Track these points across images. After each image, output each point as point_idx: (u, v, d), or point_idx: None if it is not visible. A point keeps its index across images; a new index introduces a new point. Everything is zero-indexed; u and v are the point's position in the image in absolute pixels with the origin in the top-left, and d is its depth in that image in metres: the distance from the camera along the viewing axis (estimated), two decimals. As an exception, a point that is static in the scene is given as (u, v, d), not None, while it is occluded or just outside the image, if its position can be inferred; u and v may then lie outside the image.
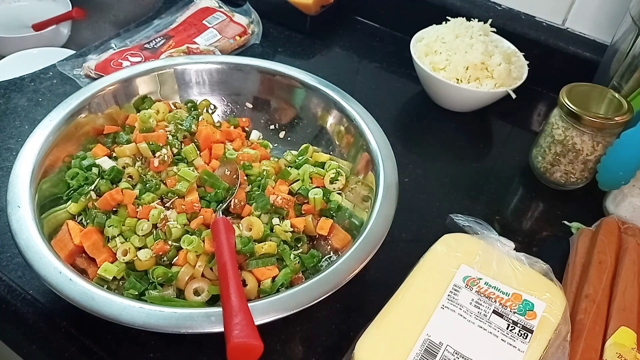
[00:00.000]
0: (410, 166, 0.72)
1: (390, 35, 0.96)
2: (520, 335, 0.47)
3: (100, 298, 0.44)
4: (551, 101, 0.85)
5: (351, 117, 0.64)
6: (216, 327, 0.43)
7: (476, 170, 0.73)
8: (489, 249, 0.54)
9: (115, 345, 0.49)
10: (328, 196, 0.60)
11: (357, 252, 0.50)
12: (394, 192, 0.56)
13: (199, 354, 0.49)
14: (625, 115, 0.62)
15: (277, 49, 0.90)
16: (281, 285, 0.52)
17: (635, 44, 0.69)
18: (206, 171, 0.59)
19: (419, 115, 0.81)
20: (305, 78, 0.68)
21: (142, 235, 0.54)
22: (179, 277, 0.51)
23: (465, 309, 0.49)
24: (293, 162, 0.65)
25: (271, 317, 0.44)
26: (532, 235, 0.65)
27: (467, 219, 0.57)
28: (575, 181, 0.68)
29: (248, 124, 0.70)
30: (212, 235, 0.52)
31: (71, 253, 0.52)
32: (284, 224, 0.57)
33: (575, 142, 0.64)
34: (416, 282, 0.51)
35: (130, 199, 0.56)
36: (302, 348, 0.51)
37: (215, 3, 0.92)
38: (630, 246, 0.57)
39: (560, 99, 0.64)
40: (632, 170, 0.60)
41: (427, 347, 0.46)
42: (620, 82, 0.72)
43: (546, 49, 0.84)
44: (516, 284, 0.51)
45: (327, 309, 0.54)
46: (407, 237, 0.62)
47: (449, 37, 0.79)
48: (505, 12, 0.87)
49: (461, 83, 0.76)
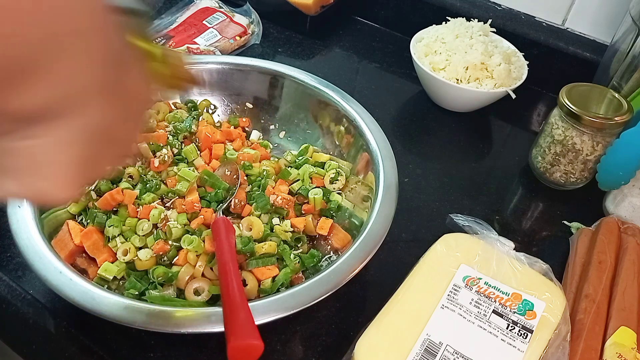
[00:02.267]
0: (410, 166, 0.72)
1: (390, 35, 0.96)
2: (520, 335, 0.47)
3: (100, 298, 0.44)
4: (551, 101, 0.85)
5: (351, 117, 0.64)
6: (216, 327, 0.43)
7: (476, 170, 0.73)
8: (488, 248, 0.54)
9: (115, 345, 0.49)
10: (328, 196, 0.60)
11: (357, 252, 0.50)
12: (394, 192, 0.56)
13: (199, 354, 0.49)
14: (625, 115, 0.62)
15: (277, 49, 0.90)
16: (281, 285, 0.52)
17: (635, 44, 0.69)
18: (206, 171, 0.59)
19: (419, 115, 0.81)
20: (305, 78, 0.68)
21: (142, 235, 0.54)
22: (179, 277, 0.51)
23: (465, 309, 0.49)
24: (293, 162, 0.65)
25: (271, 316, 0.44)
26: (532, 235, 0.65)
27: (466, 218, 0.57)
28: (575, 181, 0.68)
29: (248, 124, 0.70)
30: (213, 235, 0.52)
31: (71, 253, 0.52)
32: (284, 224, 0.57)
33: (575, 142, 0.64)
34: (416, 282, 0.51)
35: (130, 199, 0.56)
36: (302, 348, 0.51)
37: (215, 3, 0.92)
38: (630, 246, 0.57)
39: (560, 99, 0.64)
40: (632, 170, 0.60)
41: (427, 347, 0.46)
42: (620, 82, 0.72)
43: (546, 49, 0.84)
44: (516, 283, 0.51)
45: (327, 309, 0.54)
46: (407, 237, 0.62)
47: (449, 37, 0.79)
48: (505, 12, 0.87)
49: (461, 83, 0.76)
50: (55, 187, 0.25)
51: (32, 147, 0.23)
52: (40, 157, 0.24)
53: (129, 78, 0.26)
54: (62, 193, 0.25)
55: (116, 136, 0.27)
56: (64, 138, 0.23)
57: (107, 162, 0.28)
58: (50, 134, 0.23)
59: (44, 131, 0.23)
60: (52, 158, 0.24)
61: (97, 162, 0.27)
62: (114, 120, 0.26)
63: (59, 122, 0.23)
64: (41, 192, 0.25)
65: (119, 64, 0.25)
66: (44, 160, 0.24)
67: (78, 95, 0.23)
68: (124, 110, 0.27)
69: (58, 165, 0.24)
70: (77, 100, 0.23)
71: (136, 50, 0.29)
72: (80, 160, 0.25)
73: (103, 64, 0.23)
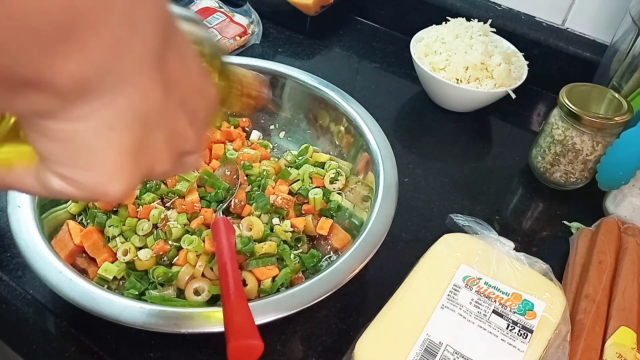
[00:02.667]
0: (410, 166, 0.72)
1: (390, 35, 0.96)
2: (520, 335, 0.47)
3: (100, 298, 0.44)
4: (551, 101, 0.85)
5: (351, 117, 0.64)
6: (216, 327, 0.43)
7: (476, 170, 0.73)
8: (488, 248, 0.54)
9: (115, 345, 0.49)
10: (328, 196, 0.60)
11: (357, 252, 0.50)
12: (394, 192, 0.56)
13: (199, 354, 0.49)
14: (625, 115, 0.62)
15: (277, 49, 0.90)
16: (281, 285, 0.52)
17: (635, 44, 0.69)
18: (206, 171, 0.59)
19: (419, 115, 0.81)
20: (305, 78, 0.68)
21: (142, 235, 0.54)
22: (179, 277, 0.51)
23: (465, 309, 0.49)
24: (293, 162, 0.65)
25: (271, 316, 0.44)
26: (532, 235, 0.65)
27: (466, 218, 0.57)
28: (575, 181, 0.68)
29: (248, 124, 0.70)
30: (213, 235, 0.52)
31: (71, 253, 0.52)
32: (284, 224, 0.57)
33: (575, 142, 0.64)
34: (416, 282, 0.51)
35: (130, 199, 0.56)
36: (302, 348, 0.51)
37: (215, 3, 0.92)
38: (630, 246, 0.57)
39: (560, 99, 0.64)
40: (632, 170, 0.60)
41: (427, 347, 0.46)
42: (620, 82, 0.72)
43: (546, 49, 0.84)
44: (516, 283, 0.51)
45: (327, 309, 0.54)
46: (407, 237, 0.62)
47: (449, 37, 0.79)
48: (505, 12, 0.87)
49: (461, 83, 0.76)
50: (107, 179, 0.23)
51: (77, 132, 0.21)
52: (87, 143, 0.21)
53: (182, 64, 0.25)
54: (115, 185, 0.23)
55: (174, 128, 0.25)
56: (111, 120, 0.21)
57: (167, 156, 0.26)
58: (96, 116, 0.21)
59: (89, 112, 0.21)
60: (99, 144, 0.22)
61: (152, 153, 0.24)
62: (166, 105, 0.24)
63: (105, 100, 0.21)
64: (91, 184, 0.23)
65: (170, 46, 0.23)
66: (91, 146, 0.22)
67: (125, 67, 0.21)
68: (177, 96, 0.25)
69: (107, 152, 0.22)
70: (124, 72, 0.21)
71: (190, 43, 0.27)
72: (130, 147, 0.23)
73: (156, 40, 0.22)
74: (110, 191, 0.23)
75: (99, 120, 0.21)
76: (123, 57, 0.20)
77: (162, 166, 0.26)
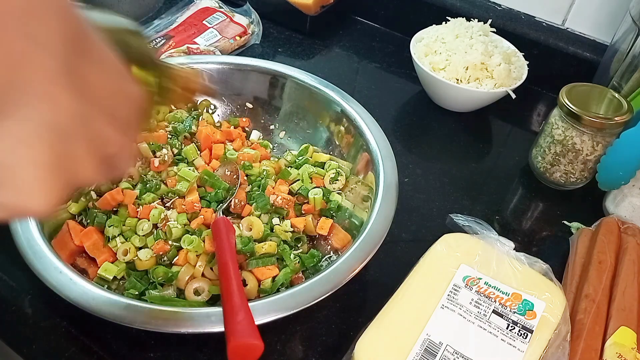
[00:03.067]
0: (410, 166, 0.72)
1: (390, 35, 0.96)
2: (520, 335, 0.47)
3: (100, 298, 0.44)
4: (551, 101, 0.85)
5: (351, 117, 0.64)
6: (216, 327, 0.43)
7: (476, 170, 0.73)
8: (488, 248, 0.54)
9: (115, 345, 0.49)
10: (328, 196, 0.60)
11: (357, 252, 0.50)
12: (394, 192, 0.56)
13: (199, 354, 0.49)
14: (625, 115, 0.62)
15: (277, 49, 0.90)
16: (281, 285, 0.52)
17: (635, 44, 0.69)
18: (206, 171, 0.59)
19: (419, 115, 0.81)
20: (305, 78, 0.68)
21: (142, 235, 0.54)
22: (179, 277, 0.51)
23: (465, 309, 0.49)
24: (293, 162, 0.65)
25: (271, 316, 0.44)
26: (532, 235, 0.65)
27: (466, 218, 0.57)
28: (575, 181, 0.68)
29: (248, 124, 0.70)
30: (213, 235, 0.52)
31: (71, 253, 0.52)
32: (284, 224, 0.57)
33: (575, 142, 0.64)
34: (416, 282, 0.51)
35: (130, 199, 0.56)
36: (302, 348, 0.51)
37: (215, 3, 0.92)
38: (630, 246, 0.57)
39: (560, 99, 0.64)
40: (632, 170, 0.60)
41: (427, 347, 0.46)
42: (620, 82, 0.72)
43: (546, 49, 0.84)
44: (516, 283, 0.51)
45: (327, 309, 0.54)
46: (407, 237, 0.62)
47: (449, 37, 0.79)
48: (505, 12, 0.87)
49: (461, 83, 0.76)
50: (28, 196, 0.22)
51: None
52: (3, 162, 0.21)
53: (98, 68, 0.24)
54: (38, 200, 0.22)
55: (95, 133, 0.25)
56: (25, 136, 0.21)
57: (90, 163, 0.25)
58: (9, 135, 0.21)
59: (1, 132, 0.20)
60: (17, 162, 0.21)
61: (74, 162, 0.24)
62: (82, 112, 0.23)
63: (17, 117, 0.20)
64: (13, 203, 0.22)
65: (81, 53, 0.23)
66: (8, 165, 0.21)
67: (31, 81, 0.20)
68: (94, 101, 0.24)
69: (25, 169, 0.21)
70: (32, 86, 0.20)
71: (111, 46, 0.26)
72: (49, 160, 0.22)
73: (61, 49, 0.21)
74: (34, 207, 0.22)
75: (13, 138, 0.21)
76: (27, 72, 0.20)
77: (86, 173, 0.25)
